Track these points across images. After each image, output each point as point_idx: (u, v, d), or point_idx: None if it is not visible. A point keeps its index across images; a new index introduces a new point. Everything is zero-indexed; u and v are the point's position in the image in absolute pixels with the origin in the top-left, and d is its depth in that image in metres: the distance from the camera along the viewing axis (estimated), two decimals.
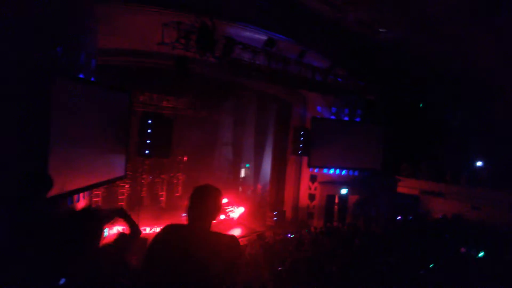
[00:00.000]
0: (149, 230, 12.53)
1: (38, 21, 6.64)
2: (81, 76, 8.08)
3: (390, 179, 16.65)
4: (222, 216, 16.06)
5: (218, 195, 2.70)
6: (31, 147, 6.48)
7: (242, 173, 21.35)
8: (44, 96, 6.59)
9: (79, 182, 8.05)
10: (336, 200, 16.47)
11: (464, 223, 13.50)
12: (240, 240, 13.68)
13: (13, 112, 6.25)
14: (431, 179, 15.90)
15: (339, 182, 16.49)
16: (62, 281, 3.54)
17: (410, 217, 14.69)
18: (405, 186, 16.52)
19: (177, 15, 8.50)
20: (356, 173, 16.77)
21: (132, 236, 3.65)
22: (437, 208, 15.30)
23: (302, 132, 15.71)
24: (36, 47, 6.65)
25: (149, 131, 10.85)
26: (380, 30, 12.16)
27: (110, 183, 11.72)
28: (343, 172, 16.63)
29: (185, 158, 18.44)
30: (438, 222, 13.93)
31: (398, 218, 14.62)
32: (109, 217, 3.65)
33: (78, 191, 8.16)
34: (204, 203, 2.65)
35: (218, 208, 2.71)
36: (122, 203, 15.55)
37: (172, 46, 8.28)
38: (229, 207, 16.97)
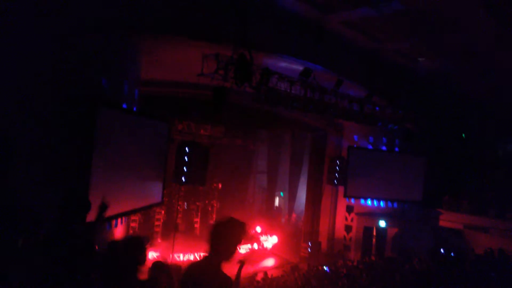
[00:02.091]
0: (183, 256, 12.56)
1: (84, 53, 7.06)
2: (124, 106, 8.45)
3: (431, 211, 15.94)
4: (255, 246, 15.87)
5: (238, 232, 2.72)
6: (74, 173, 6.76)
7: (276, 201, 21.17)
8: (89, 124, 6.93)
9: (118, 208, 8.25)
10: (374, 233, 15.90)
11: (510, 260, 12.61)
12: (273, 270, 13.41)
13: (59, 139, 6.58)
14: (475, 213, 15.10)
15: (377, 214, 15.94)
16: None
17: (452, 253, 13.91)
18: (447, 220, 15.73)
19: (216, 47, 8.77)
20: (395, 204, 16.20)
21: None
22: (481, 244, 14.41)
23: (338, 162, 15.49)
24: (83, 78, 7.04)
25: (186, 159, 11.06)
26: (419, 59, 12.00)
27: (147, 209, 11.95)
28: (381, 203, 16.11)
29: (220, 186, 18.57)
30: (482, 258, 13.09)
31: (440, 253, 13.86)
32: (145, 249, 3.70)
33: (116, 216, 8.37)
34: (221, 238, 2.66)
35: (234, 243, 2.70)
36: (157, 229, 15.76)
37: (211, 77, 8.50)
38: (263, 236, 16.76)
